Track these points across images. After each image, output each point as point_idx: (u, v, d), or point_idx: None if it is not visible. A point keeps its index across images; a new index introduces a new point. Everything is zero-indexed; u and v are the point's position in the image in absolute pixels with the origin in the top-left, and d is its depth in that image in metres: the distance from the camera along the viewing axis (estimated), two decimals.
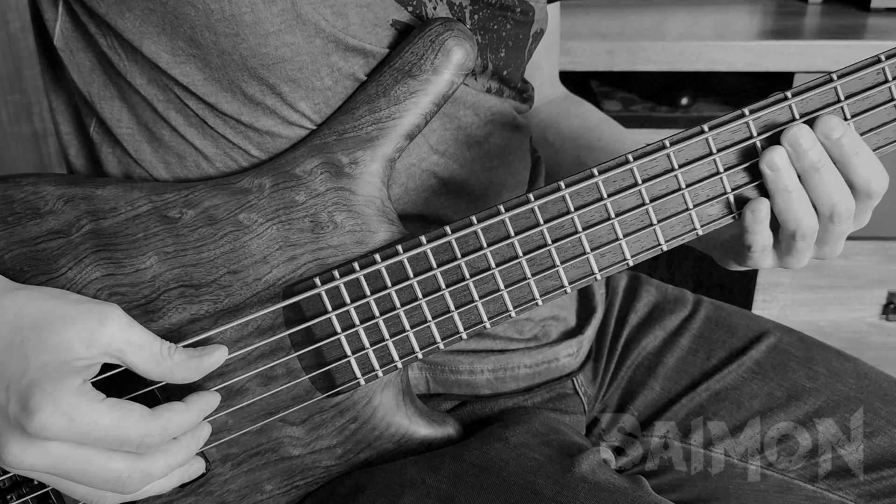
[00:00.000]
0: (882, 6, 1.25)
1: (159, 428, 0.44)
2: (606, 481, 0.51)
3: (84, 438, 0.43)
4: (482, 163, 0.58)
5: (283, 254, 0.51)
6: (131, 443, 0.44)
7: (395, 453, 0.56)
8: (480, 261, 0.50)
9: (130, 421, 0.43)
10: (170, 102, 0.52)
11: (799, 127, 0.48)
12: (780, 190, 0.48)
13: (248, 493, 0.54)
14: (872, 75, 0.49)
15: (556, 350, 0.64)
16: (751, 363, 0.67)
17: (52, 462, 0.43)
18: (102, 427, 0.43)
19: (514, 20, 0.58)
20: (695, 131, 0.49)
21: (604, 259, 0.51)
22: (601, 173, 0.49)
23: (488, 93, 0.58)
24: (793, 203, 0.48)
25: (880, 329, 1.26)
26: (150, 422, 0.44)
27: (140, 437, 0.44)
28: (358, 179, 0.51)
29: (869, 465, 0.62)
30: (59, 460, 0.43)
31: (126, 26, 0.50)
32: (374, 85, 0.51)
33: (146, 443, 0.44)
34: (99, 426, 0.42)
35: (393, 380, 0.54)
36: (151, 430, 0.44)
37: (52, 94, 0.58)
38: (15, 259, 0.50)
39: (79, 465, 0.43)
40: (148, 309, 0.50)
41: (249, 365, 0.51)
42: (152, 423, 0.44)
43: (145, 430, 0.44)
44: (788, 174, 0.48)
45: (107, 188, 0.51)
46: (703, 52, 1.10)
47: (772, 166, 0.48)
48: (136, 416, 0.44)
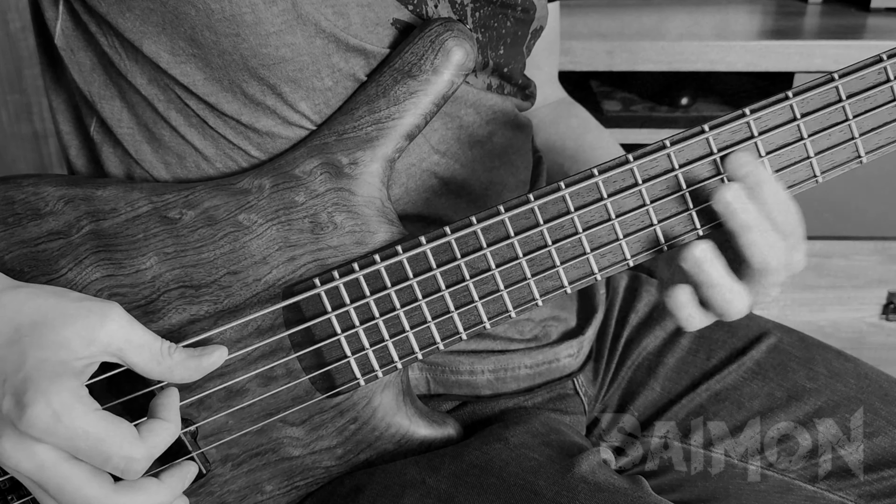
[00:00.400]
0: (882, 6, 1.25)
1: (145, 452, 0.44)
2: (606, 482, 0.51)
3: (68, 444, 0.42)
4: (483, 162, 0.58)
5: (283, 254, 0.51)
6: (112, 463, 0.43)
7: (396, 454, 0.56)
8: (480, 261, 0.50)
9: (117, 439, 0.43)
10: (170, 102, 0.52)
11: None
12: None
13: (248, 494, 0.54)
14: (874, 75, 0.49)
15: (557, 350, 0.64)
16: (751, 363, 0.67)
17: (35, 467, 0.42)
18: (89, 436, 0.42)
19: (514, 17, 0.58)
20: (695, 131, 0.49)
21: (604, 259, 0.50)
22: (601, 173, 0.49)
23: (489, 90, 0.58)
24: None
25: (880, 329, 1.26)
26: (135, 445, 0.43)
27: (124, 461, 0.43)
28: (357, 180, 0.51)
29: (869, 466, 0.62)
30: (41, 468, 0.42)
31: (126, 26, 0.50)
32: (374, 85, 0.51)
33: (130, 467, 0.43)
34: (85, 434, 0.42)
35: (393, 380, 0.54)
36: (137, 454, 0.43)
37: (52, 94, 0.58)
38: (15, 260, 0.50)
39: (56, 479, 0.42)
40: (148, 309, 0.50)
41: (249, 365, 0.51)
42: (137, 448, 0.43)
43: (129, 454, 0.43)
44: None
45: (107, 189, 0.51)
46: (703, 52, 1.10)
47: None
48: (124, 434, 0.43)
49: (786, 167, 0.50)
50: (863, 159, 0.51)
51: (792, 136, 0.50)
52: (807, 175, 0.50)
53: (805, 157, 0.50)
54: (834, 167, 0.51)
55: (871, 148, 0.50)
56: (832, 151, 0.50)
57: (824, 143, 0.50)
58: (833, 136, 0.50)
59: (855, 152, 0.50)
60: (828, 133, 0.50)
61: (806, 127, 0.49)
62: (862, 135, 0.50)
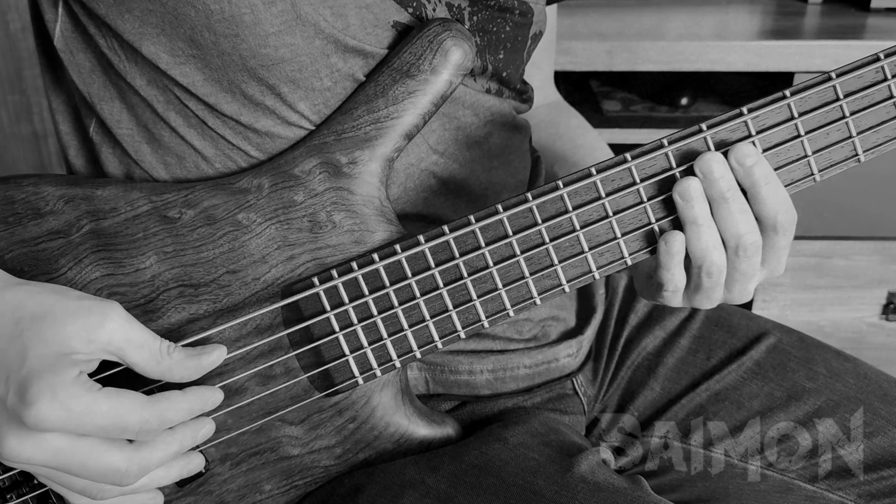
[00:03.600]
0: (882, 6, 1.25)
1: (157, 414, 0.44)
2: (606, 481, 0.51)
3: (82, 428, 0.43)
4: (482, 163, 0.58)
5: (282, 253, 0.51)
6: (130, 430, 0.44)
7: (394, 453, 0.56)
8: (478, 260, 0.50)
9: (129, 407, 0.43)
10: (169, 103, 0.52)
11: (712, 154, 0.48)
12: (689, 221, 0.48)
13: (247, 493, 0.54)
14: (871, 73, 0.49)
15: (556, 350, 0.64)
16: (751, 363, 0.67)
17: (51, 455, 0.43)
18: (101, 415, 0.43)
19: (513, 21, 0.58)
20: (693, 130, 0.49)
21: (602, 258, 0.51)
22: (599, 172, 0.49)
23: (488, 93, 0.59)
24: (702, 235, 0.48)
25: (880, 329, 1.26)
26: (148, 408, 0.44)
27: (139, 424, 0.44)
28: (356, 179, 0.51)
29: (869, 465, 0.62)
30: (58, 453, 0.43)
31: (126, 27, 0.50)
32: (373, 85, 0.51)
33: (145, 429, 0.44)
34: (97, 414, 0.43)
35: (392, 379, 0.54)
36: (150, 416, 0.44)
37: (52, 95, 0.58)
38: (15, 259, 0.50)
39: (76, 457, 0.43)
40: (147, 308, 0.50)
41: (248, 364, 0.51)
42: (150, 410, 0.44)
43: (144, 417, 0.44)
44: (700, 206, 0.48)
45: (107, 188, 0.52)
46: (702, 52, 1.10)
47: (684, 196, 0.48)
48: (135, 402, 0.44)
49: (783, 166, 0.50)
50: (860, 158, 0.51)
51: (789, 134, 0.50)
52: (804, 174, 0.50)
53: (803, 155, 0.50)
54: (832, 165, 0.51)
55: (869, 146, 0.50)
56: (830, 150, 0.50)
57: (822, 141, 0.50)
58: (831, 135, 0.50)
59: (853, 151, 0.50)
60: (825, 131, 0.50)
61: (803, 125, 0.49)
62: (859, 133, 0.50)
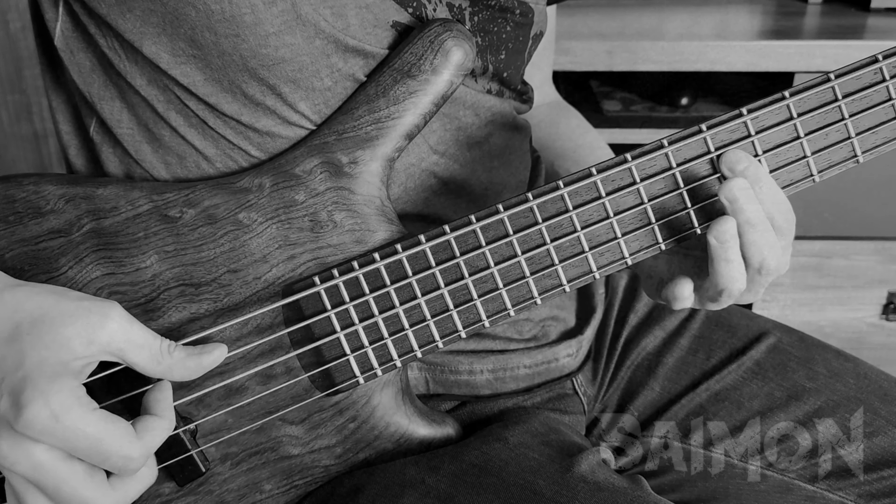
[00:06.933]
0: (882, 6, 1.25)
1: (143, 452, 0.44)
2: (606, 481, 0.51)
3: (66, 443, 0.42)
4: (482, 163, 0.58)
5: (283, 253, 0.51)
6: (111, 463, 0.43)
7: (395, 453, 0.56)
8: (479, 259, 0.50)
9: (115, 438, 0.43)
10: (170, 103, 0.52)
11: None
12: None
13: (247, 493, 0.54)
14: (870, 74, 0.49)
15: (556, 350, 0.64)
16: (751, 363, 0.67)
17: (31, 468, 0.42)
18: (86, 436, 0.42)
19: (513, 22, 0.58)
20: (692, 131, 0.49)
21: (602, 258, 0.51)
22: (599, 172, 0.49)
23: (488, 94, 0.59)
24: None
25: (880, 329, 1.27)
26: (133, 444, 0.44)
27: (122, 461, 0.43)
28: (357, 179, 0.51)
29: (869, 465, 0.62)
30: (37, 468, 0.42)
31: (126, 27, 0.50)
32: (374, 85, 0.51)
33: (128, 466, 0.44)
34: (84, 435, 0.42)
35: (392, 379, 0.54)
36: (134, 453, 0.43)
37: (52, 94, 0.58)
38: (16, 258, 0.50)
39: (53, 479, 0.42)
40: (148, 308, 0.50)
41: (249, 364, 0.51)
42: (135, 447, 0.44)
43: (128, 453, 0.43)
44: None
45: (108, 188, 0.52)
46: (702, 52, 1.10)
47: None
48: (123, 436, 0.43)
49: (782, 166, 0.50)
50: (859, 158, 0.51)
51: (788, 135, 0.50)
52: (803, 174, 0.51)
53: (802, 156, 0.50)
54: (831, 166, 0.51)
55: (868, 147, 0.51)
56: (829, 151, 0.50)
57: (821, 142, 0.50)
58: (830, 136, 0.50)
59: (851, 152, 0.50)
60: (824, 133, 0.50)
61: (802, 126, 0.50)
62: (858, 134, 0.50)
